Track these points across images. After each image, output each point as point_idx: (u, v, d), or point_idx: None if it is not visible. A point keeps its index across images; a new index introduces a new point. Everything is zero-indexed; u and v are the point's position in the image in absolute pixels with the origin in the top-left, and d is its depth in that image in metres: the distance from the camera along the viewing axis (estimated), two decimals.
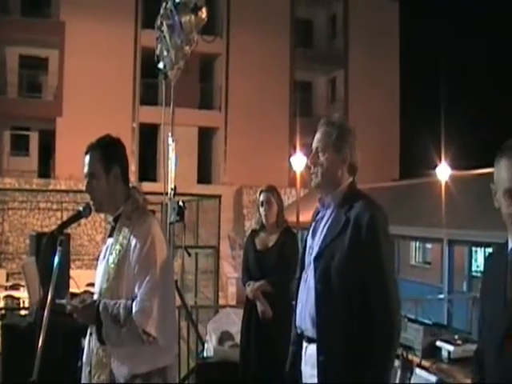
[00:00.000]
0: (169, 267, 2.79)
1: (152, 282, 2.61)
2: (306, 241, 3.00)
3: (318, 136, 2.94)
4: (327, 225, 2.85)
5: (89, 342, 2.79)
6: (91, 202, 2.83)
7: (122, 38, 26.09)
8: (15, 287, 14.03)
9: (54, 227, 2.82)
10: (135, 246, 2.66)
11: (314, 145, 2.94)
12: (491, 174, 2.17)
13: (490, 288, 2.19)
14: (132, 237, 2.69)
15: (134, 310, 2.58)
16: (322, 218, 2.93)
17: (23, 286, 10.70)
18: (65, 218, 17.53)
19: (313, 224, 2.98)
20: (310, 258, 2.87)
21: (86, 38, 24.95)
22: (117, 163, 2.80)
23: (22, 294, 10.29)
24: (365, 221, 2.70)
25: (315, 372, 2.74)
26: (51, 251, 2.71)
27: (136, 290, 2.62)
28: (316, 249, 2.84)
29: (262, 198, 4.97)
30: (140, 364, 2.66)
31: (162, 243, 2.72)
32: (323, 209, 2.95)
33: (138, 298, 2.60)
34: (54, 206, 21.54)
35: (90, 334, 2.77)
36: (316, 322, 2.76)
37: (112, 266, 2.71)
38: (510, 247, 2.11)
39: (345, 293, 2.70)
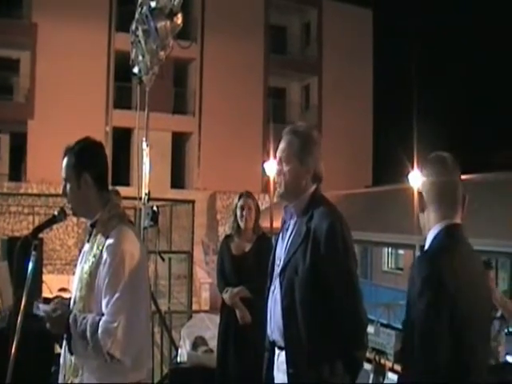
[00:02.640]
0: (140, 283, 2.67)
1: (119, 302, 2.54)
2: (274, 250, 3.00)
3: (281, 145, 2.90)
4: (291, 236, 2.85)
5: (65, 347, 2.77)
6: (68, 206, 2.81)
7: (95, 40, 25.87)
8: None
9: (25, 232, 2.78)
10: (105, 260, 2.60)
11: (278, 154, 2.89)
12: (463, 181, 2.27)
13: None
14: (104, 249, 2.63)
15: (99, 329, 2.52)
16: (288, 228, 2.92)
17: None
18: (36, 222, 17.24)
19: (280, 234, 2.98)
20: (277, 270, 2.89)
21: (58, 40, 24.67)
22: (87, 170, 2.72)
23: None
24: (323, 233, 2.70)
25: (286, 379, 2.76)
26: (25, 256, 2.69)
27: (103, 307, 2.56)
28: (281, 261, 2.85)
29: (241, 202, 4.95)
30: (109, 378, 2.60)
31: (133, 258, 2.63)
32: (288, 218, 2.94)
33: (104, 318, 2.54)
34: (26, 210, 21.22)
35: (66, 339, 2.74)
36: (283, 335, 2.79)
37: (85, 276, 2.67)
38: None
39: (310, 306, 2.71)
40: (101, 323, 2.53)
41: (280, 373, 2.83)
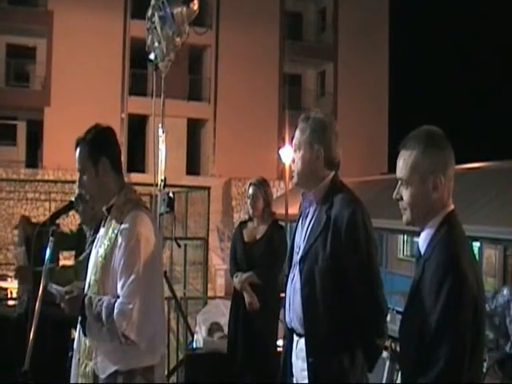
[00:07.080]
0: (155, 266, 2.68)
1: (134, 284, 2.54)
2: (293, 237, 2.98)
3: (296, 133, 2.92)
4: (311, 224, 2.84)
5: (79, 331, 2.79)
6: (86, 196, 2.80)
7: (111, 27, 25.91)
8: (2, 278, 13.94)
9: (42, 218, 2.79)
10: (121, 243, 2.61)
11: (293, 142, 2.92)
12: (479, 168, 2.25)
13: None
14: (119, 232, 2.64)
15: (115, 311, 2.53)
16: (307, 215, 2.91)
17: (10, 277, 10.65)
18: (53, 208, 17.35)
19: (299, 221, 2.96)
20: (296, 258, 2.87)
21: (74, 28, 24.74)
22: (104, 155, 2.72)
23: (10, 285, 10.25)
24: (344, 221, 2.69)
25: (306, 366, 2.75)
26: (42, 241, 2.70)
27: (119, 289, 2.57)
28: (301, 249, 2.84)
29: (249, 191, 5.03)
30: (123, 361, 2.61)
31: (148, 242, 2.64)
32: (307, 205, 2.92)
33: (119, 300, 2.55)
34: (42, 197, 21.37)
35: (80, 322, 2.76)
36: (303, 324, 2.77)
37: (100, 259, 2.68)
38: None
39: (331, 295, 2.70)
40: (116, 305, 2.54)
41: (299, 360, 2.82)
